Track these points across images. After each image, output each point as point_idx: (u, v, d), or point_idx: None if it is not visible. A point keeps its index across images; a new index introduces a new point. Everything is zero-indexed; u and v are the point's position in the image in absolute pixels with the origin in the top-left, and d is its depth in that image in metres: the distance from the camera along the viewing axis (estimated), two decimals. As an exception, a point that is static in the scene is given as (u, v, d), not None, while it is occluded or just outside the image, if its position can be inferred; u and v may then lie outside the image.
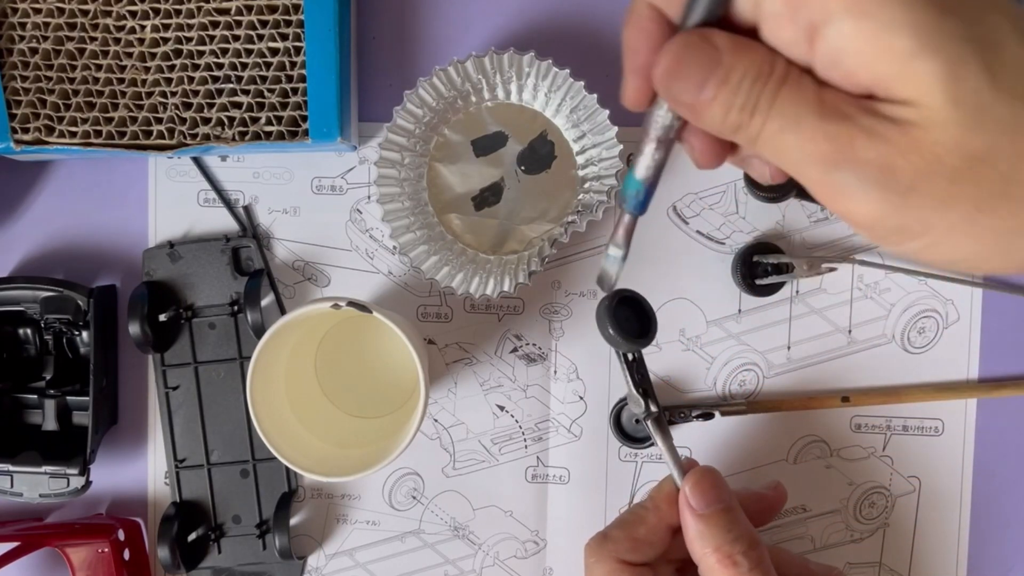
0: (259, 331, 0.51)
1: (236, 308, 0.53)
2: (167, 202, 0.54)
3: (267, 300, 0.53)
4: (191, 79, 0.49)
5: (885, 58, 0.25)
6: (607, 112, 0.49)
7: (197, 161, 0.54)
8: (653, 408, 0.41)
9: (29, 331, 0.54)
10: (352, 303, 0.44)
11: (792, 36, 0.26)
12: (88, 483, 0.52)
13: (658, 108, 0.30)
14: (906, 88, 0.25)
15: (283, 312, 0.53)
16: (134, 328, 0.51)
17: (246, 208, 0.54)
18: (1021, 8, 0.26)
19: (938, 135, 0.25)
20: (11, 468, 0.52)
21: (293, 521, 0.54)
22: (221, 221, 0.54)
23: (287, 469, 0.54)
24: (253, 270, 0.53)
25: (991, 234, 0.26)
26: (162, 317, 0.52)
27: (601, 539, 0.41)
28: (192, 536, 0.52)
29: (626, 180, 0.33)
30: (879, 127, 0.25)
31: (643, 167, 0.32)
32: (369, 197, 0.53)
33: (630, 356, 0.41)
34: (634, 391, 0.41)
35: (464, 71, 0.49)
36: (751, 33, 0.28)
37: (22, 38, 0.49)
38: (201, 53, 0.49)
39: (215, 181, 0.54)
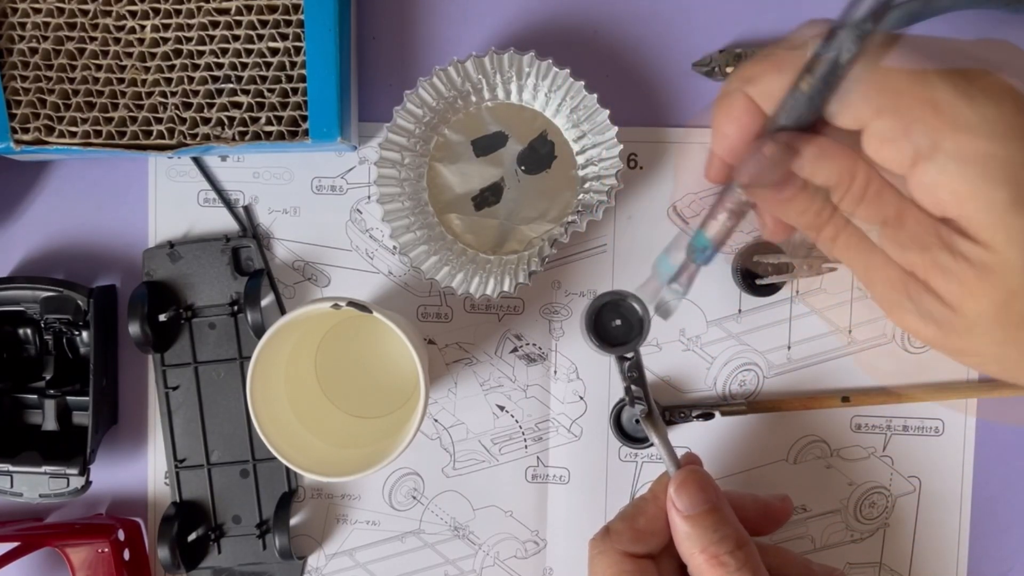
0: (259, 331, 0.51)
1: (236, 308, 0.53)
2: (167, 202, 0.54)
3: (267, 300, 0.53)
4: (191, 79, 0.49)
5: (980, 205, 0.26)
6: (607, 112, 0.49)
7: (197, 161, 0.54)
8: (646, 405, 0.41)
9: (29, 331, 0.54)
10: (352, 303, 0.44)
11: (893, 156, 0.28)
12: (88, 483, 0.52)
13: (737, 186, 0.32)
14: (992, 235, 0.26)
15: (283, 312, 0.53)
16: (134, 328, 0.51)
17: (246, 208, 0.54)
18: None
19: (1011, 282, 0.26)
20: (11, 468, 0.52)
21: (293, 521, 0.54)
22: (221, 221, 0.54)
23: (287, 469, 0.54)
24: (253, 270, 0.53)
25: None
26: (162, 317, 0.52)
27: (604, 532, 0.42)
28: (192, 536, 0.52)
29: (697, 236, 0.35)
30: (954, 266, 0.27)
31: (715, 230, 0.34)
32: (369, 197, 0.53)
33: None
34: (628, 388, 0.41)
35: (464, 71, 0.49)
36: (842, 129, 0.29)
37: (22, 38, 0.49)
38: (201, 53, 0.49)
39: (215, 181, 0.54)
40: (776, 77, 0.30)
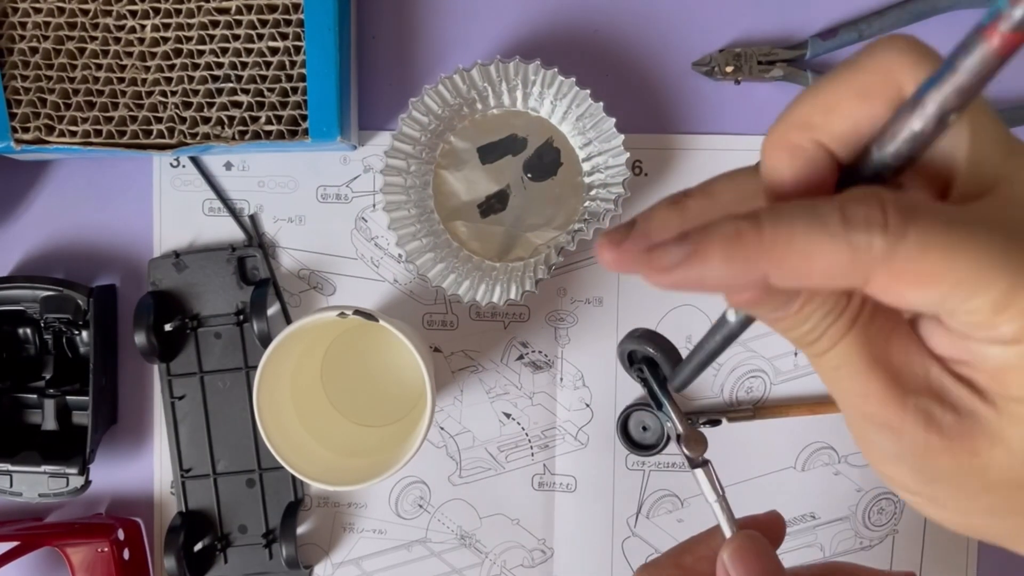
0: (265, 340, 0.50)
1: (242, 317, 0.53)
2: (172, 212, 0.54)
3: (273, 309, 0.53)
4: (191, 78, 0.49)
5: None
6: (613, 120, 0.48)
7: (201, 169, 0.53)
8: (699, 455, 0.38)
9: (29, 331, 0.54)
10: (358, 311, 0.44)
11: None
12: (87, 483, 0.52)
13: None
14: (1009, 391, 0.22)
15: (289, 321, 0.53)
16: (140, 338, 0.50)
17: (251, 217, 0.53)
18: None
19: (1001, 458, 0.22)
20: (11, 468, 0.52)
21: (299, 530, 0.54)
22: (226, 230, 0.53)
23: (293, 478, 0.53)
24: (259, 279, 0.53)
25: (1010, 530, 0.24)
26: (168, 327, 0.51)
27: (648, 566, 0.40)
28: (198, 546, 0.52)
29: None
30: (941, 418, 0.22)
31: None
32: (374, 205, 0.53)
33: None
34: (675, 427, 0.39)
35: (470, 79, 0.49)
36: None
37: (22, 37, 0.49)
38: (201, 52, 0.48)
39: (220, 190, 0.53)
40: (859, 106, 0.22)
